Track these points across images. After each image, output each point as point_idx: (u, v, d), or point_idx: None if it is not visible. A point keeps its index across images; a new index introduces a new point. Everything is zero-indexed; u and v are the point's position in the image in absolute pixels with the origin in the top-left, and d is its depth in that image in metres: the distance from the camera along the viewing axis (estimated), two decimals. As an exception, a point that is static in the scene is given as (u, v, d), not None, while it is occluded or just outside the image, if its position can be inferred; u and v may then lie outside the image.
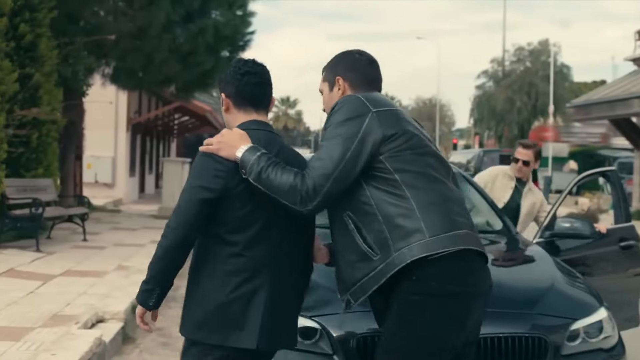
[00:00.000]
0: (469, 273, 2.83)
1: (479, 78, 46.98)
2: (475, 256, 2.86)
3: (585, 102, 25.32)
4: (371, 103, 2.83)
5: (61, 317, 6.37)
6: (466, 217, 2.90)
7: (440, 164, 2.89)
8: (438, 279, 2.74)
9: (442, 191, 2.82)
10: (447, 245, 2.72)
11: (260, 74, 3.00)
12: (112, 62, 15.05)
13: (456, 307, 2.78)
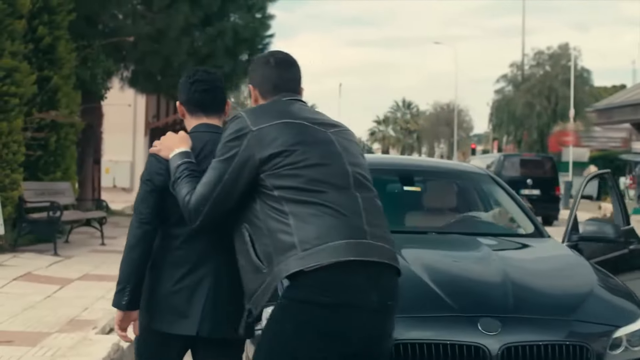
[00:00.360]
0: (346, 285, 2.70)
1: (498, 82, 46.69)
2: (361, 266, 2.72)
3: (607, 106, 25.08)
4: (255, 119, 2.83)
5: (79, 322, 6.23)
6: (368, 224, 2.79)
7: (334, 174, 2.80)
8: (314, 289, 2.68)
9: (329, 203, 2.74)
10: (320, 259, 2.65)
11: (208, 82, 3.14)
12: (130, 66, 15.00)
13: (324, 319, 2.68)
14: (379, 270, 2.78)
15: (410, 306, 3.72)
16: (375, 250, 2.77)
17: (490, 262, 4.31)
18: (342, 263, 2.67)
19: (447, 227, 5.46)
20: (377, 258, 2.75)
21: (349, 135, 3.01)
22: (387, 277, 2.82)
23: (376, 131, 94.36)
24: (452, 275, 4.11)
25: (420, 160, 7.76)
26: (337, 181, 2.79)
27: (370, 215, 2.82)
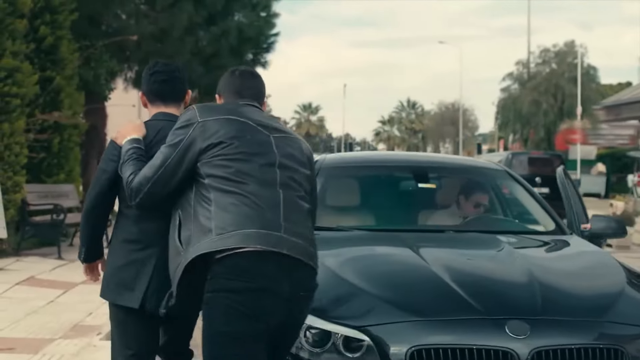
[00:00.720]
0: (258, 271, 2.88)
1: (504, 81, 46.29)
2: (273, 256, 2.89)
3: (615, 103, 24.81)
4: (203, 113, 3.05)
5: (82, 328, 6.03)
6: (285, 220, 2.96)
7: (261, 171, 3.00)
8: (226, 276, 2.87)
9: (250, 194, 2.94)
10: (232, 243, 2.84)
11: (166, 72, 3.40)
12: (134, 66, 14.79)
13: (242, 302, 2.86)
14: (292, 263, 2.95)
15: (432, 309, 3.53)
16: (286, 244, 2.93)
17: (514, 262, 4.09)
18: (255, 251, 2.86)
19: (464, 226, 5.24)
20: (287, 251, 2.91)
21: (294, 142, 3.21)
22: (301, 271, 3.00)
23: (381, 131, 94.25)
24: (475, 275, 3.90)
25: (434, 157, 7.53)
26: (262, 177, 2.99)
27: (289, 212, 2.99)
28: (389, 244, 4.53)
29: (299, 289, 2.99)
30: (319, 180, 5.47)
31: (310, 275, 3.08)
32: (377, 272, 3.93)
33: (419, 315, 3.45)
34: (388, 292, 3.66)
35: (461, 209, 5.50)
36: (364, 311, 3.53)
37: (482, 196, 5.62)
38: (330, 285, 3.82)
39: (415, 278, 3.84)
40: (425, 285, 3.73)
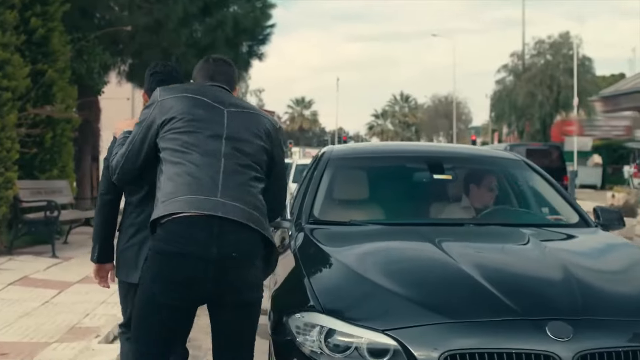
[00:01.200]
0: (189, 236, 3.01)
1: (499, 72, 46.01)
2: (207, 220, 3.02)
3: (614, 93, 24.55)
4: (164, 92, 3.29)
5: (80, 330, 5.73)
6: (223, 186, 3.11)
7: (207, 142, 3.18)
8: (162, 240, 3.05)
9: (191, 163, 3.12)
10: (170, 210, 3.04)
11: (164, 73, 3.77)
12: (128, 59, 14.44)
13: (170, 265, 3.01)
14: (223, 226, 3.04)
15: (465, 309, 3.23)
16: (222, 208, 3.05)
17: (545, 257, 3.81)
18: (189, 216, 3.01)
19: (483, 218, 4.96)
20: (222, 214, 3.03)
21: (252, 117, 3.37)
22: (238, 234, 3.07)
23: (374, 125, 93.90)
24: (507, 272, 3.61)
25: (447, 147, 7.23)
26: (206, 147, 3.17)
27: (228, 178, 3.15)
28: (409, 239, 4.25)
29: (230, 250, 3.04)
30: (328, 172, 5.19)
31: (252, 238, 3.13)
32: (401, 270, 3.64)
33: (452, 317, 3.16)
34: (415, 291, 3.37)
35: (474, 198, 5.22)
36: (390, 313, 3.24)
37: (491, 178, 5.35)
38: (350, 284, 3.55)
39: (443, 276, 3.54)
40: (455, 284, 3.43)
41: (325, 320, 3.27)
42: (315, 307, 3.35)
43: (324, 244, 4.17)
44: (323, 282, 3.62)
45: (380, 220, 4.80)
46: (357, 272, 3.61)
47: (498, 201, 5.49)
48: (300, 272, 3.81)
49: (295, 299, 3.57)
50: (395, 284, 3.43)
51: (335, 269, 3.77)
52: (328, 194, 5.06)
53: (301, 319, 3.36)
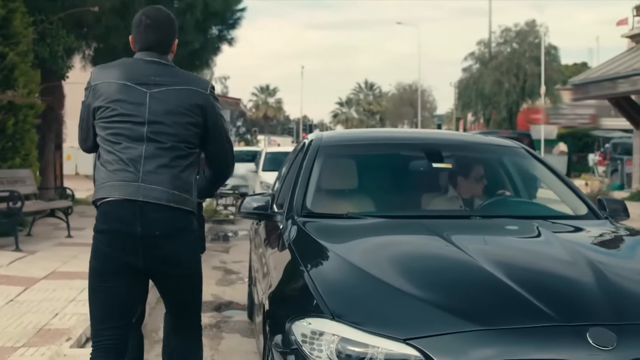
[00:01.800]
0: (116, 216, 3.34)
1: (466, 60, 45.87)
2: (130, 203, 3.34)
3: (584, 81, 24.43)
4: (97, 76, 3.47)
5: (49, 332, 5.29)
6: (144, 172, 3.37)
7: (131, 129, 3.38)
8: (98, 220, 3.39)
9: (120, 153, 3.38)
10: (101, 194, 3.36)
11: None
12: (92, 43, 13.86)
13: (104, 241, 3.36)
14: (144, 207, 3.36)
15: (495, 314, 2.87)
16: (142, 192, 3.35)
17: (569, 254, 3.48)
18: (115, 200, 3.34)
19: (485, 210, 4.64)
20: (142, 198, 3.34)
21: (176, 94, 3.44)
22: (153, 213, 3.37)
23: (339, 113, 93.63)
24: (534, 271, 3.27)
25: (444, 134, 6.86)
26: (132, 135, 3.38)
27: (149, 163, 3.38)
28: (415, 233, 3.90)
29: (153, 229, 3.36)
30: (318, 161, 4.81)
31: (174, 216, 3.41)
32: (417, 268, 3.28)
33: (481, 323, 2.80)
34: (436, 293, 3.01)
35: (462, 190, 4.89)
36: (410, 319, 2.88)
37: (478, 167, 5.04)
38: (360, 285, 3.18)
39: (464, 275, 3.19)
40: (479, 285, 3.08)
41: (335, 328, 2.90)
42: (324, 312, 2.98)
43: (323, 239, 3.80)
44: (328, 282, 3.24)
45: (379, 212, 4.44)
46: (365, 270, 3.25)
47: (496, 191, 5.19)
48: (299, 271, 3.44)
49: (297, 303, 3.20)
50: (411, 285, 3.07)
51: (340, 268, 3.39)
52: (320, 184, 4.69)
53: (307, 326, 2.99)
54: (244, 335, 6.51)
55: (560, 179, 4.95)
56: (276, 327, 3.19)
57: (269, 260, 4.11)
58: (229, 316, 7.32)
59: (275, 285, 3.54)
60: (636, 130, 24.26)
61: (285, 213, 4.44)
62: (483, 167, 5.23)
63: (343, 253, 3.54)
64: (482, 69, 43.87)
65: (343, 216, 4.27)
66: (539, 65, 40.87)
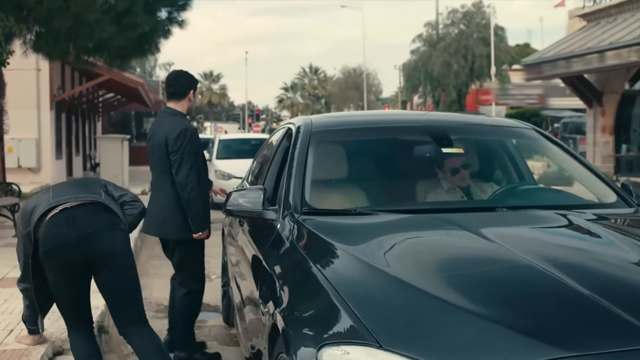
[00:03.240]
0: (51, 235, 4.09)
1: (414, 42, 45.54)
2: (62, 217, 4.10)
3: (537, 60, 24.22)
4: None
5: (4, 354, 4.57)
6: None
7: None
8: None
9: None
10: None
11: (168, 79, 5.35)
12: (34, 27, 12.92)
13: (52, 261, 4.10)
14: (74, 214, 4.07)
15: (580, 336, 2.31)
16: (72, 200, 4.12)
17: (632, 252, 2.96)
18: (48, 221, 4.06)
19: (507, 200, 4.11)
20: (72, 204, 4.09)
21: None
22: (81, 215, 4.09)
23: (284, 98, 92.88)
24: (610, 277, 2.72)
25: (443, 115, 6.29)
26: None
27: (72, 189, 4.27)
28: (448, 232, 3.32)
29: (85, 229, 4.07)
30: (312, 150, 4.20)
31: (89, 212, 4.16)
32: (471, 278, 2.70)
33: (572, 348, 2.23)
34: (502, 309, 2.44)
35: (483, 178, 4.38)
36: (477, 345, 2.30)
37: (490, 151, 4.53)
38: (405, 302, 2.57)
39: (529, 285, 2.63)
40: (551, 296, 2.53)
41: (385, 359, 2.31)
42: (366, 339, 2.38)
43: (339, 241, 3.21)
44: (363, 298, 2.62)
45: (392, 207, 3.87)
46: (406, 282, 2.67)
47: (509, 178, 4.68)
48: (319, 283, 2.84)
49: (325, 324, 2.59)
50: (471, 300, 2.49)
51: (373, 279, 2.79)
52: (316, 176, 4.08)
53: (344, 356, 2.39)
54: (223, 342, 5.89)
55: (581, 162, 4.44)
56: (297, 354, 2.58)
57: (271, 268, 3.48)
58: (201, 320, 6.68)
59: (292, 300, 2.92)
60: (589, 110, 24.21)
61: (281, 210, 3.84)
62: (496, 151, 4.72)
63: (370, 259, 2.94)
64: (431, 51, 43.62)
65: (350, 212, 3.69)
66: (487, 46, 40.76)
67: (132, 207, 4.37)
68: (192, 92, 5.22)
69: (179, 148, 4.94)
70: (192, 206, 4.96)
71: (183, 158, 4.94)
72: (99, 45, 13.63)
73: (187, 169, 4.94)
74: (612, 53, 20.06)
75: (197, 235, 5.06)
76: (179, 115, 5.17)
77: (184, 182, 4.94)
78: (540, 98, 44.40)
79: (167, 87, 5.24)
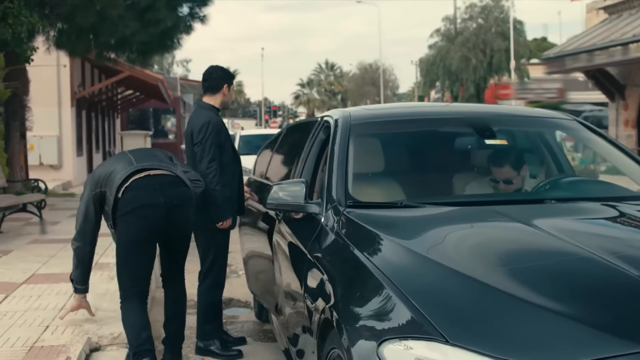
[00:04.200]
0: (141, 196, 4.47)
1: (432, 37, 45.34)
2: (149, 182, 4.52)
3: (559, 54, 23.99)
4: None
5: (42, 351, 4.52)
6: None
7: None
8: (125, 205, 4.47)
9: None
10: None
11: (204, 74, 5.44)
12: (57, 23, 12.91)
13: (137, 218, 4.45)
14: (160, 182, 4.51)
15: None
16: (156, 167, 4.57)
17: None
18: (134, 183, 4.45)
19: (553, 192, 4.02)
20: (156, 172, 4.54)
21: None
22: (166, 185, 4.52)
23: (300, 94, 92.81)
24: None
25: (482, 107, 6.19)
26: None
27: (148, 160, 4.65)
28: (505, 225, 3.23)
29: (172, 199, 4.51)
30: (353, 142, 4.12)
31: (179, 189, 4.63)
32: (538, 272, 2.61)
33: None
34: (563, 301, 2.36)
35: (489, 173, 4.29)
36: (538, 335, 2.22)
37: (532, 142, 4.47)
38: (467, 295, 2.49)
39: (590, 275, 2.55)
40: (614, 288, 2.45)
41: (453, 356, 2.23)
42: (430, 334, 2.31)
43: (391, 234, 3.13)
44: (424, 292, 2.55)
45: (438, 199, 3.78)
46: (469, 276, 2.59)
47: (551, 170, 4.59)
48: (373, 276, 2.77)
49: (384, 319, 2.52)
50: (534, 293, 2.41)
51: (429, 271, 2.72)
52: (358, 169, 4.01)
53: (407, 351, 2.32)
54: (257, 338, 5.83)
55: (628, 154, 4.33)
56: (358, 351, 2.51)
57: (318, 262, 3.41)
58: (233, 316, 6.63)
59: (346, 294, 2.84)
60: (611, 103, 23.95)
61: (324, 204, 3.76)
62: (537, 143, 4.64)
63: (425, 251, 2.87)
64: (449, 46, 43.39)
65: (397, 205, 3.61)
66: (505, 40, 40.50)
67: (195, 186, 4.73)
68: (226, 87, 5.35)
69: (201, 140, 5.10)
70: (211, 195, 5.03)
71: (204, 150, 5.09)
72: (121, 42, 13.60)
73: (208, 161, 5.08)
74: (635, 45, 19.82)
75: (220, 225, 5.15)
76: (208, 109, 5.30)
77: (205, 173, 5.04)
78: (560, 92, 43.98)
79: (203, 82, 5.38)
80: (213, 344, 5.22)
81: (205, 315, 5.28)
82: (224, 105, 5.37)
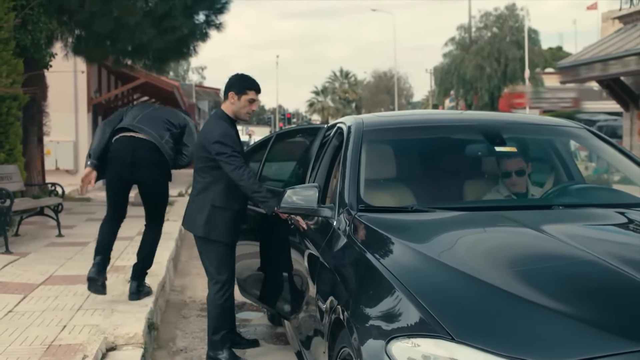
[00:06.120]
0: (118, 149, 5.83)
1: (447, 46, 45.45)
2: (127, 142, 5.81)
3: (573, 63, 24.00)
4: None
5: (60, 349, 4.64)
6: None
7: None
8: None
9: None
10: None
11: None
12: (75, 30, 13.09)
13: (114, 165, 5.86)
14: (136, 147, 5.74)
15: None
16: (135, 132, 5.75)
17: None
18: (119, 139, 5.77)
19: (561, 198, 4.09)
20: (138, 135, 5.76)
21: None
22: (141, 151, 5.73)
23: (315, 102, 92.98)
24: None
25: (493, 115, 6.27)
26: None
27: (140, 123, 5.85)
28: (513, 230, 3.31)
29: (139, 160, 5.73)
30: (365, 148, 4.22)
31: (147, 151, 5.78)
32: (542, 273, 2.70)
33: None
34: (567, 302, 2.45)
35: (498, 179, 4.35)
36: (543, 334, 2.31)
37: (541, 150, 4.52)
38: (476, 297, 2.57)
39: (593, 278, 2.63)
40: (618, 290, 2.54)
41: (458, 352, 2.32)
42: (437, 331, 2.40)
43: (401, 237, 3.22)
44: (431, 292, 2.64)
45: (448, 204, 3.86)
46: (475, 277, 2.67)
47: (560, 176, 4.65)
48: (383, 277, 2.86)
49: (392, 318, 2.61)
50: (539, 294, 2.50)
51: (437, 272, 2.81)
52: (370, 174, 4.10)
53: (414, 348, 2.41)
54: (270, 341, 5.92)
55: (636, 162, 4.40)
56: (368, 350, 2.60)
57: (330, 264, 3.51)
58: (246, 319, 6.72)
59: (356, 294, 2.94)
60: (626, 113, 23.91)
61: (336, 208, 3.86)
62: (547, 150, 4.71)
63: (434, 254, 2.96)
64: (463, 54, 43.45)
65: (407, 209, 3.69)
66: (520, 49, 40.51)
67: (181, 160, 5.93)
68: (232, 94, 5.06)
69: (218, 153, 4.92)
70: (253, 199, 5.00)
71: (228, 162, 4.90)
72: (138, 48, 13.75)
73: (233, 169, 4.88)
74: (650, 55, 19.82)
75: (277, 210, 4.53)
76: (220, 118, 5.11)
77: (239, 182, 4.89)
78: (574, 101, 43.97)
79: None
80: (222, 354, 5.15)
81: (215, 324, 5.13)
82: (236, 115, 5.11)
